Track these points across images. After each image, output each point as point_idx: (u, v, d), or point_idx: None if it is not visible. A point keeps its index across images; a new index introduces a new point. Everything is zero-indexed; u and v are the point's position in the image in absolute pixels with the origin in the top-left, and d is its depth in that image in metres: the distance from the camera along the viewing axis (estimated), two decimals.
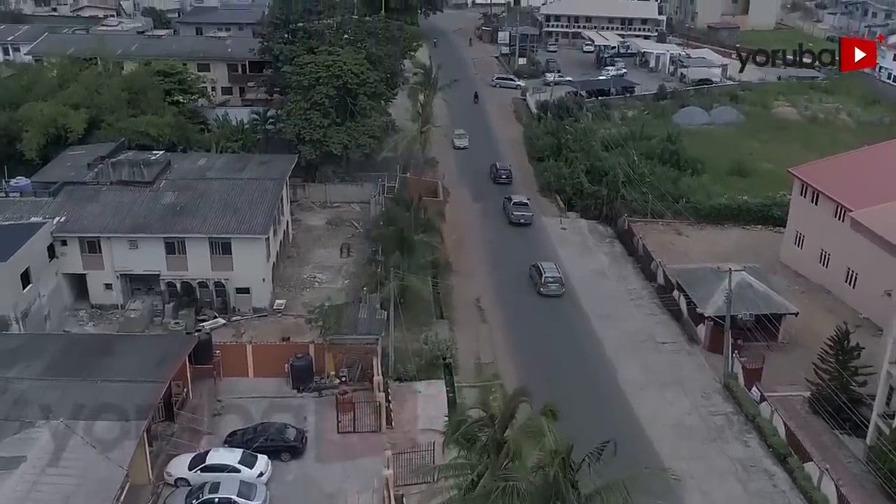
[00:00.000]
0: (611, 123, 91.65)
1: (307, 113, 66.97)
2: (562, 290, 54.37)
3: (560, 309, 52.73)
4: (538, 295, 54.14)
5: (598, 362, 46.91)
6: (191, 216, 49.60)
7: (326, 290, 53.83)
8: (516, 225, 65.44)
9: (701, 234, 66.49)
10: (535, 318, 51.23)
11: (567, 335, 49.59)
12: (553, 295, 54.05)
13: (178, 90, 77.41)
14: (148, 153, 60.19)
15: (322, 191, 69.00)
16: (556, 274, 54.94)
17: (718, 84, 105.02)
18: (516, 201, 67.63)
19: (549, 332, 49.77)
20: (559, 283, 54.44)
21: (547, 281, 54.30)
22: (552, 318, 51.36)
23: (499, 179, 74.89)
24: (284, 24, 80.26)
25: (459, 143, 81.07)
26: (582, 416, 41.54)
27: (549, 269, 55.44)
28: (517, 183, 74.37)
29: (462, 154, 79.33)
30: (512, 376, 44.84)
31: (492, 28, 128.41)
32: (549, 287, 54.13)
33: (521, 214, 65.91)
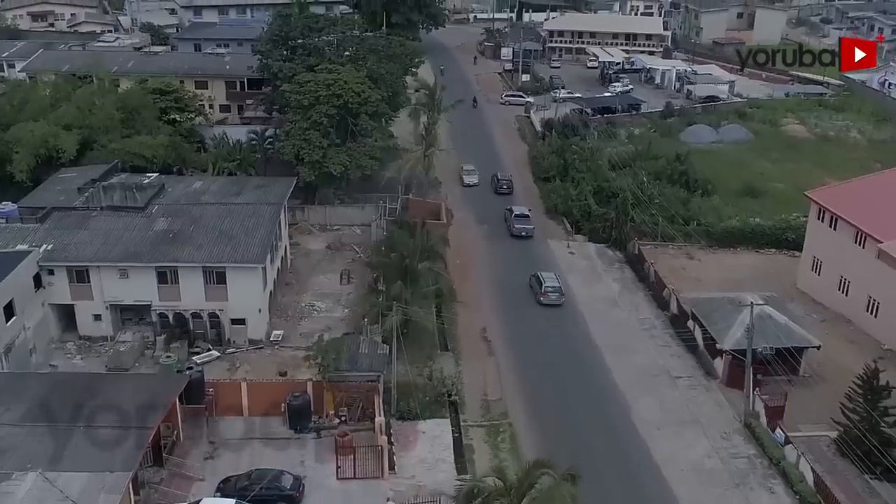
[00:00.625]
0: (617, 142, 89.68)
1: (306, 133, 64.96)
2: (561, 300, 54.44)
3: (571, 340, 50.49)
4: (539, 306, 53.97)
5: (611, 398, 44.62)
6: (184, 244, 47.44)
7: (326, 319, 51.63)
8: (518, 238, 65.18)
9: (713, 259, 64.32)
10: (544, 350, 49.00)
11: (578, 369, 47.31)
12: (553, 304, 54.21)
13: (174, 108, 75.48)
14: (141, 176, 58.14)
15: (322, 213, 66.90)
16: (555, 284, 55.06)
17: (726, 101, 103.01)
18: (517, 213, 67.16)
19: (559, 366, 47.50)
20: (559, 293, 54.55)
21: (547, 290, 54.50)
22: (563, 351, 49.10)
23: (500, 190, 75.01)
24: (284, 40, 78.46)
25: (469, 180, 74.98)
26: (597, 459, 39.51)
27: (548, 278, 55.62)
28: (522, 205, 72.17)
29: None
30: (521, 415, 42.67)
31: (494, 44, 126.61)
32: (549, 297, 54.30)
33: (523, 227, 65.69)
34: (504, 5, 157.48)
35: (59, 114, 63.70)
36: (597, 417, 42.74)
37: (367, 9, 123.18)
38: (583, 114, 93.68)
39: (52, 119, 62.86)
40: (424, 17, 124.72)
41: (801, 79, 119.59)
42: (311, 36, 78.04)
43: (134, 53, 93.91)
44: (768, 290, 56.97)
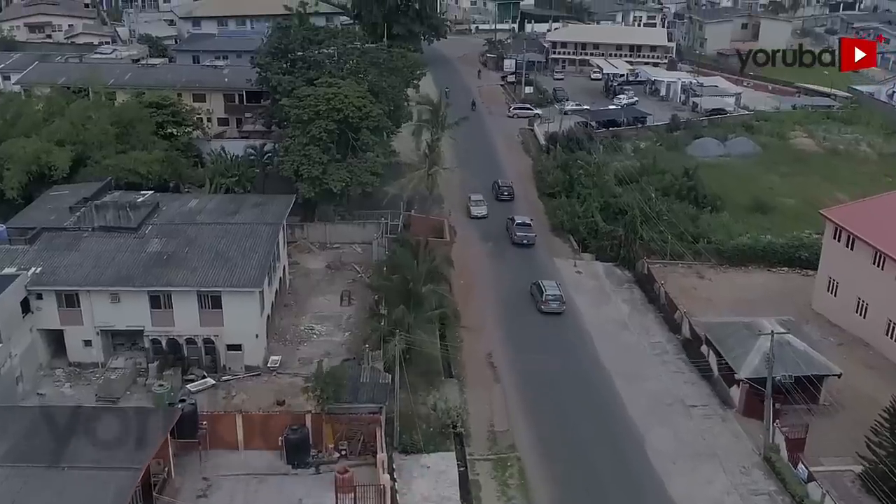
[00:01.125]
0: (622, 155, 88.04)
1: (306, 148, 63.25)
2: (562, 308, 54.31)
3: (580, 365, 48.57)
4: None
5: (623, 429, 42.71)
6: (178, 267, 45.60)
7: (325, 344, 49.76)
8: (520, 247, 65.05)
9: (724, 278, 62.51)
10: (553, 376, 47.03)
11: (589, 396, 45.42)
12: (554, 312, 54.04)
13: (171, 123, 73.86)
14: (135, 194, 56.41)
15: (321, 231, 65.09)
16: (556, 292, 55.03)
17: (732, 114, 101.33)
18: (519, 222, 67.03)
19: (569, 393, 45.60)
20: (560, 301, 54.46)
21: (548, 298, 54.49)
22: (572, 377, 47.16)
23: (500, 196, 74.80)
24: (283, 53, 76.85)
25: (476, 212, 69.84)
26: (610, 497, 37.63)
27: (549, 286, 55.46)
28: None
29: (469, 189, 74.92)
30: (530, 447, 40.80)
31: (497, 55, 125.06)
32: (549, 305, 54.31)
33: (525, 235, 65.76)
34: (506, 16, 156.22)
35: (52, 129, 62.01)
36: (609, 449, 40.85)
37: (367, 20, 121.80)
38: (587, 127, 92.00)
39: (44, 134, 61.18)
40: (426, 29, 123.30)
41: (808, 90, 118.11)
42: (310, 48, 76.46)
43: (131, 66, 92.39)
44: (782, 311, 55.36)
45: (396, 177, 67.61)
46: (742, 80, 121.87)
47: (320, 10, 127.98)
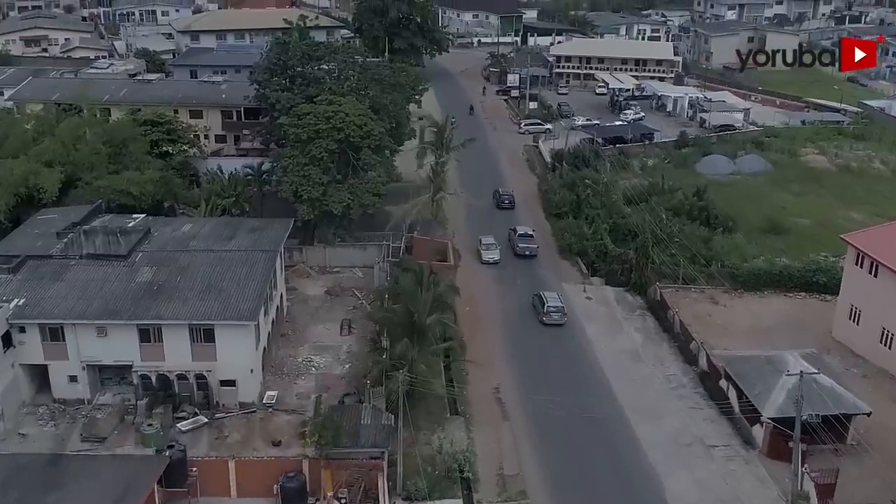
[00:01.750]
0: (630, 173, 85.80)
1: (305, 169, 61.06)
2: (564, 320, 54.52)
3: (594, 401, 45.97)
4: (542, 324, 53.62)
5: (640, 473, 40.23)
6: (169, 298, 43.16)
7: (324, 377, 47.25)
8: (522, 258, 65.11)
9: (739, 303, 60.07)
10: (565, 413, 44.44)
11: (603, 436, 42.92)
12: (555, 324, 54.16)
13: (166, 141, 71.68)
14: (126, 217, 53.93)
15: (321, 254, 62.70)
16: (558, 304, 55.16)
17: (741, 130, 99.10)
18: (521, 233, 67.10)
19: (582, 432, 43.08)
20: (561, 313, 54.66)
21: (549, 310, 54.55)
22: (585, 414, 44.50)
23: (502, 205, 75.24)
24: (282, 69, 74.70)
25: (488, 257, 64.07)
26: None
27: (551, 298, 55.59)
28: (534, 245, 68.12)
29: (473, 209, 72.60)
30: (542, 492, 38.36)
31: (500, 69, 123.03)
32: (551, 316, 54.46)
33: (527, 246, 65.95)
34: (509, 29, 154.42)
35: (41, 149, 59.75)
36: (627, 496, 38.44)
37: (368, 34, 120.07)
38: (594, 143, 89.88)
39: (32, 155, 58.89)
40: (427, 43, 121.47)
41: (817, 105, 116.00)
42: (310, 64, 74.37)
43: (127, 81, 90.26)
44: (801, 340, 53.19)
45: (399, 197, 65.34)
46: (749, 94, 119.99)
47: (321, 23, 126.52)
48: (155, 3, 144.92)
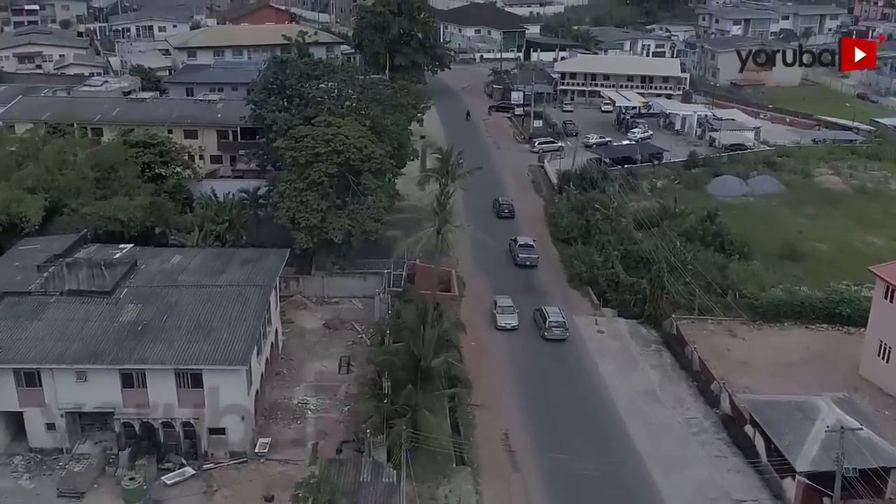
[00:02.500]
0: (639, 195, 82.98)
1: (303, 194, 58.26)
2: (565, 335, 54.04)
3: (610, 447, 43.00)
4: (544, 341, 53.24)
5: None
6: (154, 339, 40.19)
7: (321, 421, 44.24)
8: (523, 268, 64.68)
9: (759, 337, 57.03)
10: (580, 462, 41.25)
11: (622, 490, 39.85)
12: (557, 339, 53.72)
13: (159, 163, 68.90)
14: (112, 248, 51.23)
15: (319, 284, 59.79)
16: (559, 318, 54.60)
17: (753, 149, 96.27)
18: (522, 243, 66.87)
19: (600, 486, 39.90)
20: (563, 328, 54.13)
21: (551, 325, 54.15)
22: (602, 463, 41.34)
23: (502, 214, 75.72)
24: (279, 88, 72.05)
25: (505, 322, 55.73)
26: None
27: (553, 313, 55.11)
28: (541, 272, 65.11)
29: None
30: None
31: (503, 86, 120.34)
32: (553, 332, 54.02)
33: (527, 256, 65.76)
34: (511, 45, 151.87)
35: (24, 174, 56.88)
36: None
37: (369, 50, 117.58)
38: (601, 164, 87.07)
39: (15, 181, 56.04)
40: (429, 59, 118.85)
41: (828, 123, 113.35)
42: (308, 84, 71.70)
43: (120, 100, 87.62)
44: (827, 377, 50.57)
45: (401, 223, 62.33)
46: (758, 112, 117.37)
47: (320, 39, 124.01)
48: (152, 19, 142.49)
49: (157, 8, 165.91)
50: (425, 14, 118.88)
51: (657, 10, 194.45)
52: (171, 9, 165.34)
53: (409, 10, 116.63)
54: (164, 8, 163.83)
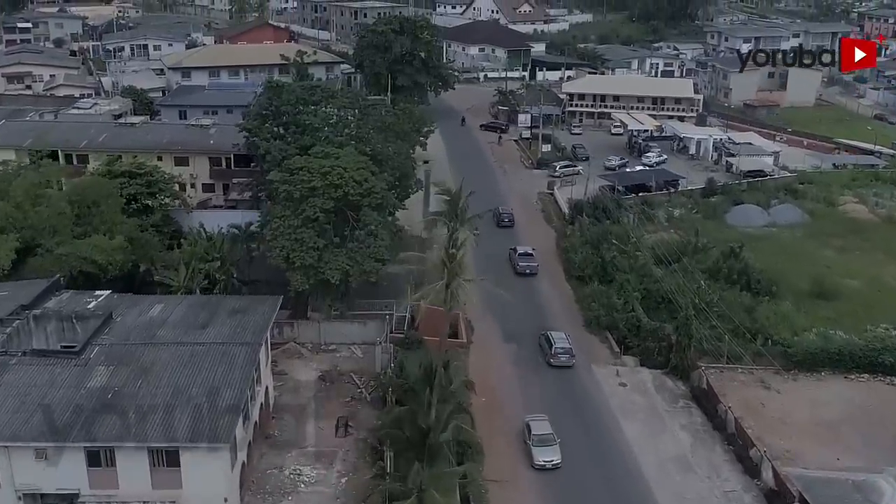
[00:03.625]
0: (656, 226, 78.41)
1: (298, 231, 53.76)
2: (571, 362, 52.54)
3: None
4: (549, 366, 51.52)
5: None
6: (126, 410, 35.40)
7: (315, 496, 39.47)
8: (523, 276, 64.97)
9: (794, 389, 52.35)
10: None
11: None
12: (563, 366, 52.19)
13: (146, 194, 64.46)
14: (87, 296, 46.47)
15: (314, 329, 55.10)
16: (566, 345, 53.09)
17: (773, 176, 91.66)
18: (521, 252, 67.64)
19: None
20: (569, 354, 52.67)
21: (557, 352, 52.58)
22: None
23: (502, 223, 76.20)
24: (274, 115, 67.67)
25: (543, 459, 42.78)
26: None
27: (559, 339, 53.49)
28: (556, 314, 60.41)
29: (489, 269, 64.26)
30: None
31: (509, 108, 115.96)
32: (559, 358, 52.53)
33: (527, 265, 66.33)
34: (516, 64, 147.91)
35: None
36: None
37: (370, 70, 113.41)
38: (614, 192, 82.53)
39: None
40: (432, 79, 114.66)
41: (848, 146, 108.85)
42: (305, 110, 67.32)
43: (107, 125, 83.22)
44: (876, 439, 45.80)
45: (404, 250, 57.89)
46: (774, 134, 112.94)
47: (319, 59, 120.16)
48: (146, 38, 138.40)
49: (153, 26, 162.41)
50: (428, 33, 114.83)
51: (664, 27, 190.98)
52: (168, 27, 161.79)
53: (412, 29, 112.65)
54: (160, 26, 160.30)
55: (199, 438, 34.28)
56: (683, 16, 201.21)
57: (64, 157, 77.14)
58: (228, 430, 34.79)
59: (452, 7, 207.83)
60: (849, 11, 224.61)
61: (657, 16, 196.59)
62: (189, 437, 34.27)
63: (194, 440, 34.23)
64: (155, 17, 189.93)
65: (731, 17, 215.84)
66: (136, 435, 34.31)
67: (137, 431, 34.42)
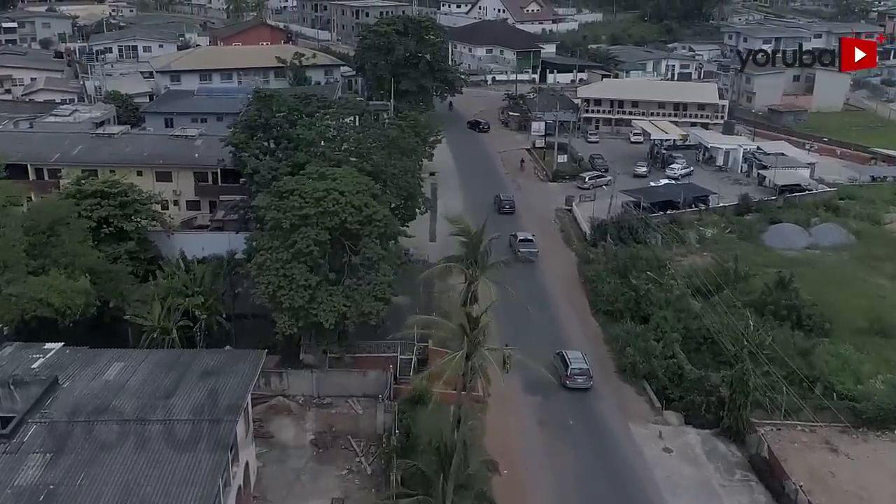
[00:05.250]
0: (687, 248, 70.92)
1: (287, 266, 46.55)
2: (589, 384, 48.61)
3: None
4: (565, 388, 47.10)
5: None
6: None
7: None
8: (525, 262, 63.08)
9: (867, 452, 44.95)
10: None
11: None
12: (580, 388, 48.05)
13: (119, 217, 57.10)
14: (35, 350, 39.08)
15: (307, 380, 47.62)
16: (583, 366, 48.98)
17: (812, 190, 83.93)
18: (521, 238, 67.33)
19: None
20: (587, 376, 48.74)
21: (573, 373, 48.55)
22: None
23: (503, 209, 76.02)
24: (264, 128, 60.36)
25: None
26: None
27: (575, 359, 49.38)
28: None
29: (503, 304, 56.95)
30: None
31: (520, 113, 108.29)
32: (575, 380, 48.46)
33: (528, 251, 65.75)
34: (526, 65, 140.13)
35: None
36: None
37: (372, 74, 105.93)
38: (639, 209, 74.85)
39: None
40: (439, 83, 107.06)
41: (886, 156, 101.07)
42: (299, 122, 59.99)
43: (83, 136, 75.63)
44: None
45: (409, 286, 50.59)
46: (804, 142, 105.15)
47: (318, 62, 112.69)
48: (135, 38, 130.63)
49: (146, 26, 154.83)
50: (434, 34, 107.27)
51: (678, 27, 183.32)
52: (161, 27, 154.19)
53: (417, 29, 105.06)
54: (152, 26, 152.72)
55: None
56: (697, 15, 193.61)
57: (34, 172, 70.23)
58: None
59: (457, 6, 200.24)
60: (868, 10, 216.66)
61: (669, 15, 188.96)
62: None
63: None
64: (149, 17, 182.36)
65: (747, 17, 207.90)
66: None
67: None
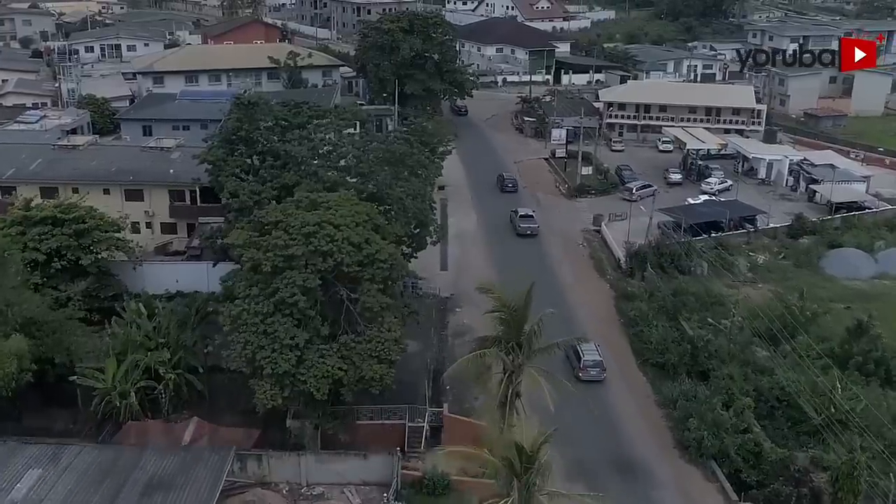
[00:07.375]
0: (737, 278, 61.42)
1: (268, 322, 37.34)
2: (602, 376, 46.75)
3: None
4: None
5: None
6: None
7: None
8: (524, 237, 66.37)
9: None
10: None
11: None
12: (593, 380, 45.92)
13: (75, 247, 47.95)
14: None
15: (293, 465, 38.11)
16: (596, 357, 47.23)
17: (870, 208, 74.23)
18: (522, 214, 68.61)
19: None
20: (600, 368, 46.96)
21: (586, 365, 46.68)
22: None
23: (505, 188, 77.49)
24: (246, 141, 50.89)
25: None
26: None
27: (588, 350, 47.34)
28: (631, 429, 43.19)
29: None
30: None
31: (537, 118, 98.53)
32: (588, 372, 46.61)
33: (528, 226, 67.22)
34: (539, 66, 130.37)
35: None
36: None
37: (374, 75, 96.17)
38: (680, 231, 65.12)
39: None
40: (447, 86, 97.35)
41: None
42: (288, 135, 50.50)
43: (45, 148, 66.19)
44: None
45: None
46: (847, 149, 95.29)
47: (315, 62, 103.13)
48: (118, 37, 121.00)
49: (133, 23, 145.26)
50: (442, 31, 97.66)
51: (697, 25, 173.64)
52: (150, 24, 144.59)
53: (424, 27, 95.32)
54: (138, 24, 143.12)
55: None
56: (715, 13, 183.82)
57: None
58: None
59: (463, 2, 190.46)
60: (892, 8, 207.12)
61: (686, 13, 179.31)
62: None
63: None
64: (139, 14, 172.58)
65: (768, 14, 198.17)
66: None
67: None
